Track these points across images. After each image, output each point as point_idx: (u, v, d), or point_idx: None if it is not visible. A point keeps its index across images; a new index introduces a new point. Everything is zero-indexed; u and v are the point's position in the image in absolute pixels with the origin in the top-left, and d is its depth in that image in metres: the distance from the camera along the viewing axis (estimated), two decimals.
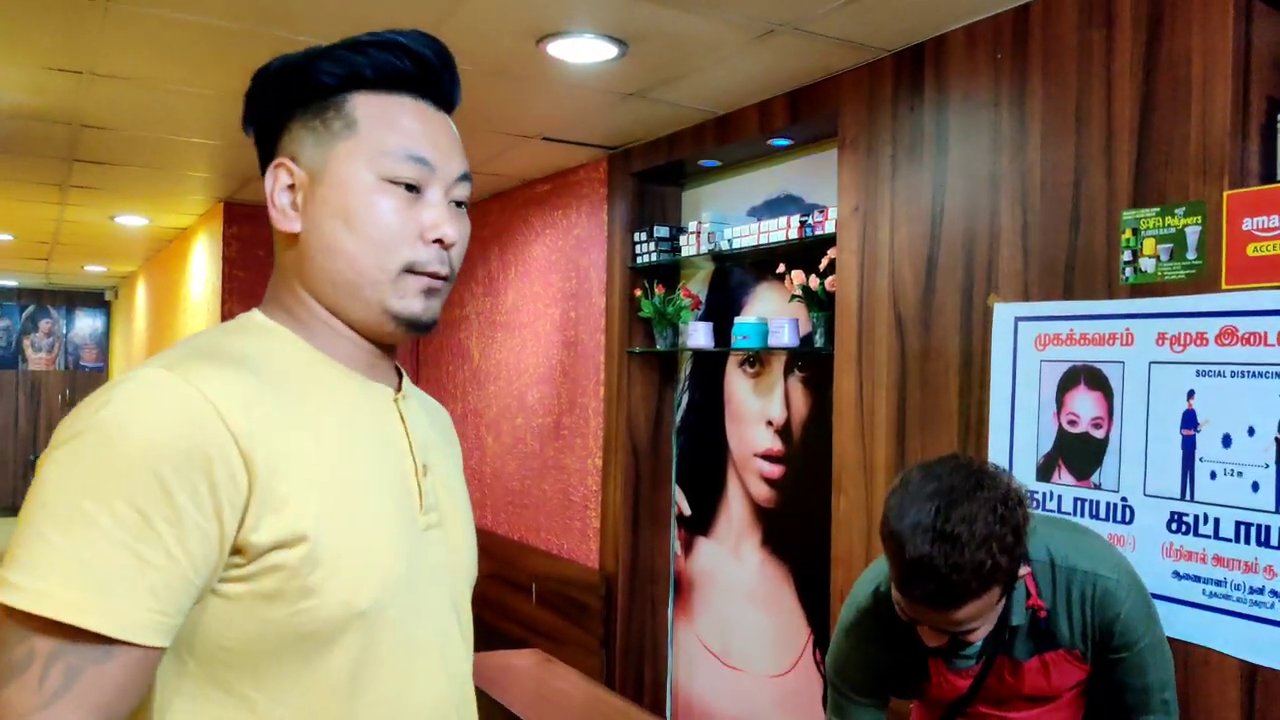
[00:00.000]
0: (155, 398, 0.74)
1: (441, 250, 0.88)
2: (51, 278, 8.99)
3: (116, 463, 0.72)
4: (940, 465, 1.38)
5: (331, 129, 0.87)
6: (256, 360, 0.83)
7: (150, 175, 4.03)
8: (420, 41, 0.89)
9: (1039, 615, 1.47)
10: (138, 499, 0.71)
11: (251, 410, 0.77)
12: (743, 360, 3.00)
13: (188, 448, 0.73)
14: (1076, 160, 1.86)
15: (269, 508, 0.76)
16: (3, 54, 2.42)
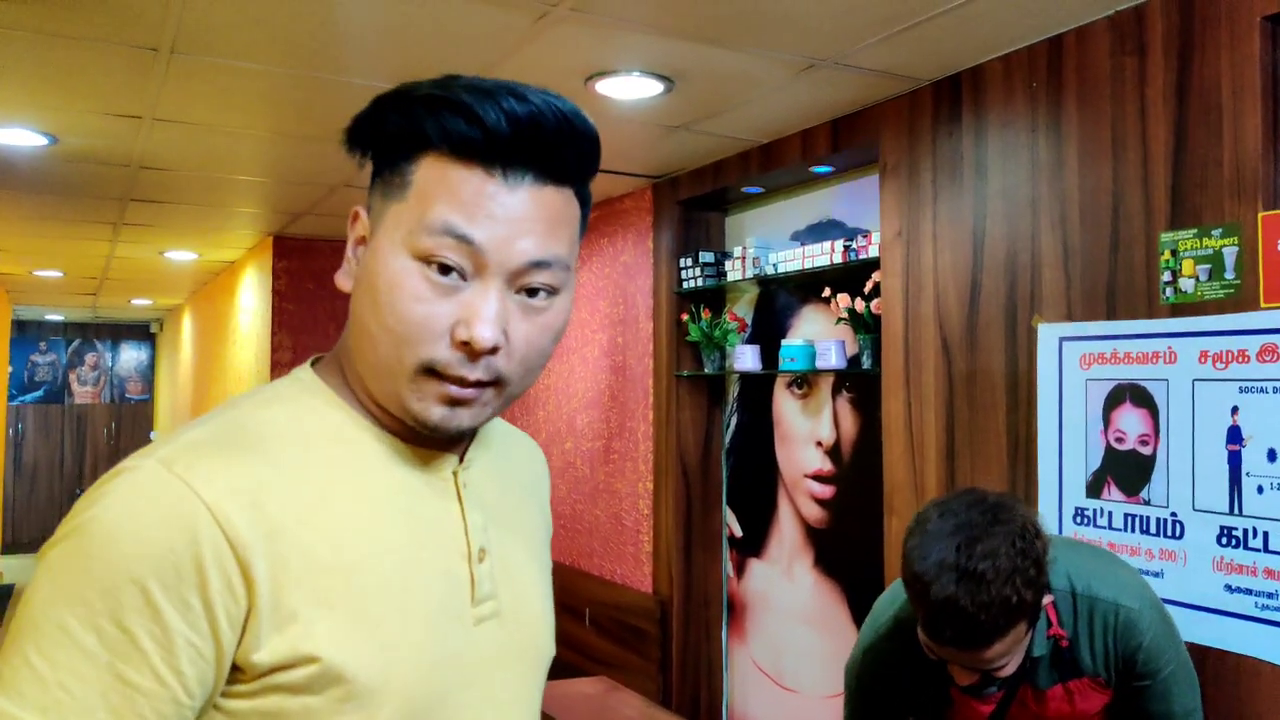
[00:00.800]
0: (145, 499, 0.67)
1: (470, 355, 0.73)
2: (98, 311, 9.23)
3: (100, 574, 0.65)
4: (956, 502, 1.36)
5: (391, 187, 0.75)
6: (283, 439, 0.74)
7: (201, 212, 4.17)
8: (505, 108, 0.72)
9: (1061, 645, 1.47)
10: (122, 616, 0.65)
11: (257, 512, 0.69)
12: (790, 381, 3.07)
13: (177, 559, 0.66)
14: (1114, 184, 1.93)
15: (272, 625, 0.68)
16: (69, 101, 2.54)
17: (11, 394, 9.43)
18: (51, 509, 10.22)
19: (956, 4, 1.88)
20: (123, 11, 1.92)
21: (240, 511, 0.68)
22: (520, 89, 0.73)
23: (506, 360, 0.74)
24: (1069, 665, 1.49)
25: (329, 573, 0.71)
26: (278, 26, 2.02)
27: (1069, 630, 1.48)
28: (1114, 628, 1.47)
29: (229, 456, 0.70)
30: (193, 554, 0.66)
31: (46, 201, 3.90)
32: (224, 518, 0.67)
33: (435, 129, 0.73)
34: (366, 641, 0.71)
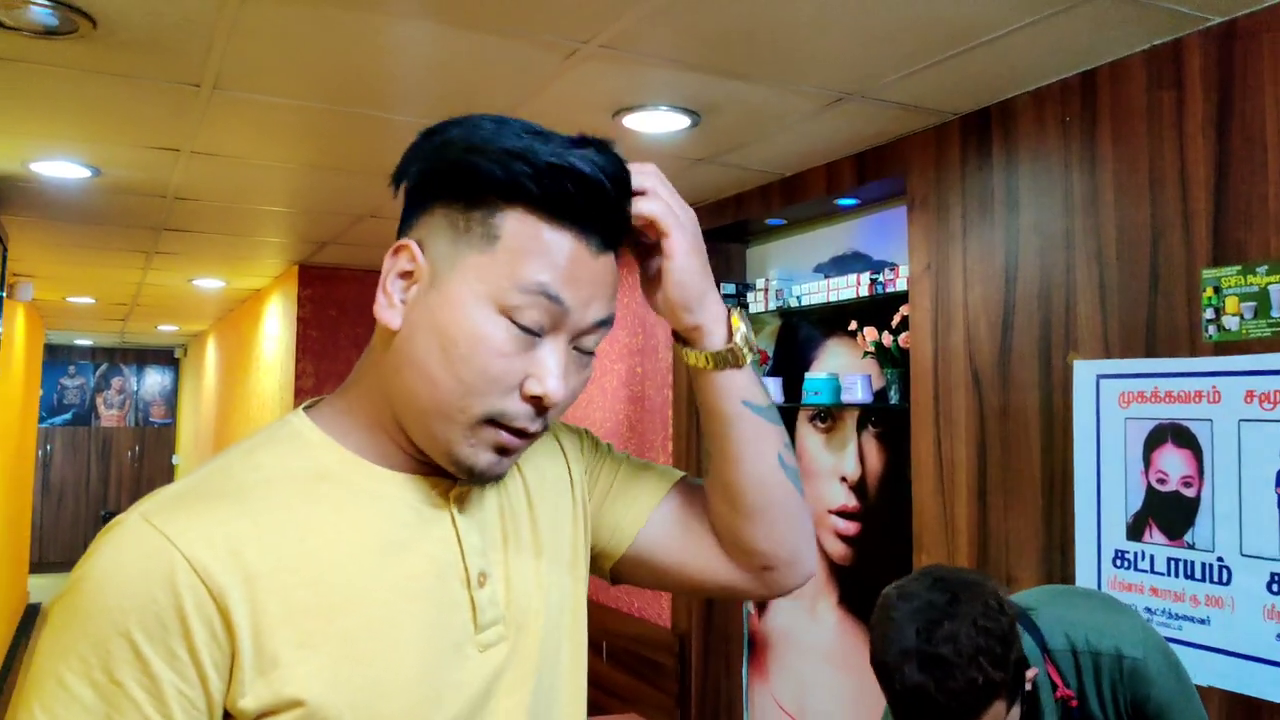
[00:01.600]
0: (127, 553, 0.68)
1: (536, 408, 0.75)
2: (125, 337, 9.35)
3: (91, 628, 0.67)
4: (915, 584, 1.33)
5: (471, 233, 0.74)
6: (267, 485, 0.74)
7: (230, 241, 4.22)
8: (603, 170, 0.74)
9: (1070, 705, 1.42)
10: (113, 668, 0.66)
11: (234, 559, 0.70)
12: (813, 415, 3.03)
13: (159, 610, 0.67)
14: (1153, 219, 1.89)
15: (255, 670, 0.69)
16: (113, 134, 2.58)
17: (41, 416, 9.53)
18: (77, 529, 10.31)
19: (986, 39, 1.86)
20: (170, 50, 1.95)
21: (216, 560, 0.69)
22: (616, 159, 0.76)
23: (553, 411, 0.77)
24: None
25: (310, 614, 0.71)
26: (314, 63, 2.04)
27: (1075, 688, 1.43)
28: (1121, 679, 1.42)
29: (206, 506, 0.72)
30: (174, 604, 0.67)
31: (85, 231, 3.97)
32: (201, 566, 0.68)
33: (541, 189, 0.73)
34: (353, 680, 0.71)
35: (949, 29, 1.83)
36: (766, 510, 0.89)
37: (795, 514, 0.91)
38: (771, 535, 0.90)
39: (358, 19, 1.81)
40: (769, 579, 0.93)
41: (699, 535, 0.93)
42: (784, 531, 0.90)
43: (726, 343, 0.86)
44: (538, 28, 1.84)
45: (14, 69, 2.08)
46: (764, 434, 0.88)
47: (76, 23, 1.80)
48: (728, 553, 0.92)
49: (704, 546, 0.93)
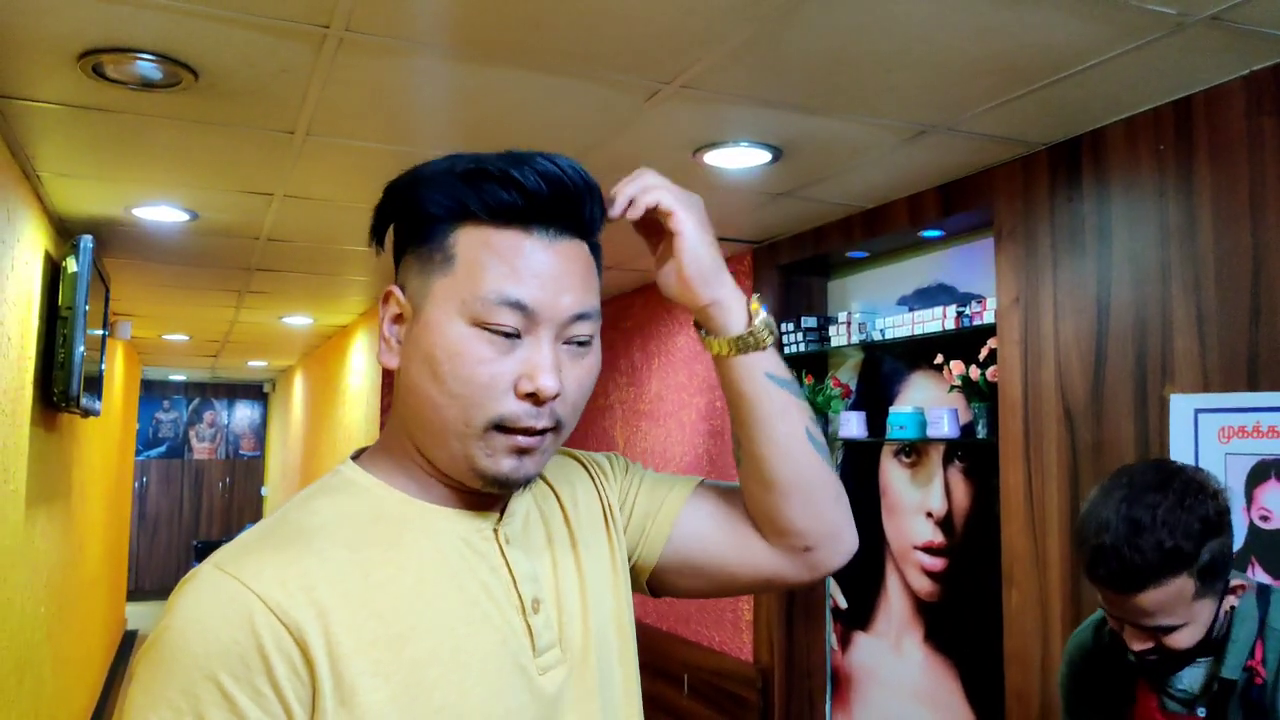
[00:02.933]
0: (206, 601, 0.72)
1: (535, 405, 0.78)
2: (217, 372, 9.74)
3: (179, 676, 0.70)
4: (1137, 465, 1.44)
5: (433, 262, 0.79)
6: (327, 528, 0.78)
7: (318, 280, 4.38)
8: (538, 171, 0.79)
9: (1255, 680, 1.39)
10: (205, 712, 0.69)
11: (306, 596, 0.73)
12: (898, 450, 2.99)
13: (242, 650, 0.70)
14: (1254, 248, 1.84)
15: (336, 700, 0.72)
16: (212, 181, 2.72)
17: (137, 449, 9.96)
18: (170, 558, 10.69)
19: (1076, 70, 1.85)
20: (267, 100, 2.05)
21: (289, 598, 0.72)
22: (537, 153, 0.81)
23: (562, 405, 0.80)
24: (1258, 710, 1.39)
25: (380, 645, 0.74)
26: (399, 109, 2.12)
27: (1269, 672, 1.39)
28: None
29: (275, 551, 0.75)
30: (255, 644, 0.70)
31: (181, 272, 4.16)
32: (276, 605, 0.72)
33: (478, 201, 0.79)
34: (424, 706, 0.74)
35: (1036, 61, 1.82)
36: (801, 484, 0.91)
37: (830, 487, 0.94)
38: (809, 510, 0.92)
39: (442, 67, 1.88)
40: (812, 560, 0.95)
41: (733, 526, 0.96)
42: (821, 506, 0.93)
43: (747, 326, 0.89)
44: (620, 71, 1.89)
45: (119, 120, 2.20)
46: (790, 406, 0.91)
47: (180, 75, 1.90)
48: (767, 538, 0.94)
49: (740, 537, 0.95)
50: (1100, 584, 1.37)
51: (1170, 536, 1.30)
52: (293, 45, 1.77)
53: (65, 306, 3.00)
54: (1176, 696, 1.47)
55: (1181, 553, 1.30)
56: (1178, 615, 1.34)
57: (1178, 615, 1.34)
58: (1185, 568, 1.31)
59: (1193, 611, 1.35)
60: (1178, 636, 1.36)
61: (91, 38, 1.75)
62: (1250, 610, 1.42)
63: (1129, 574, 1.31)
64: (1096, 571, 1.36)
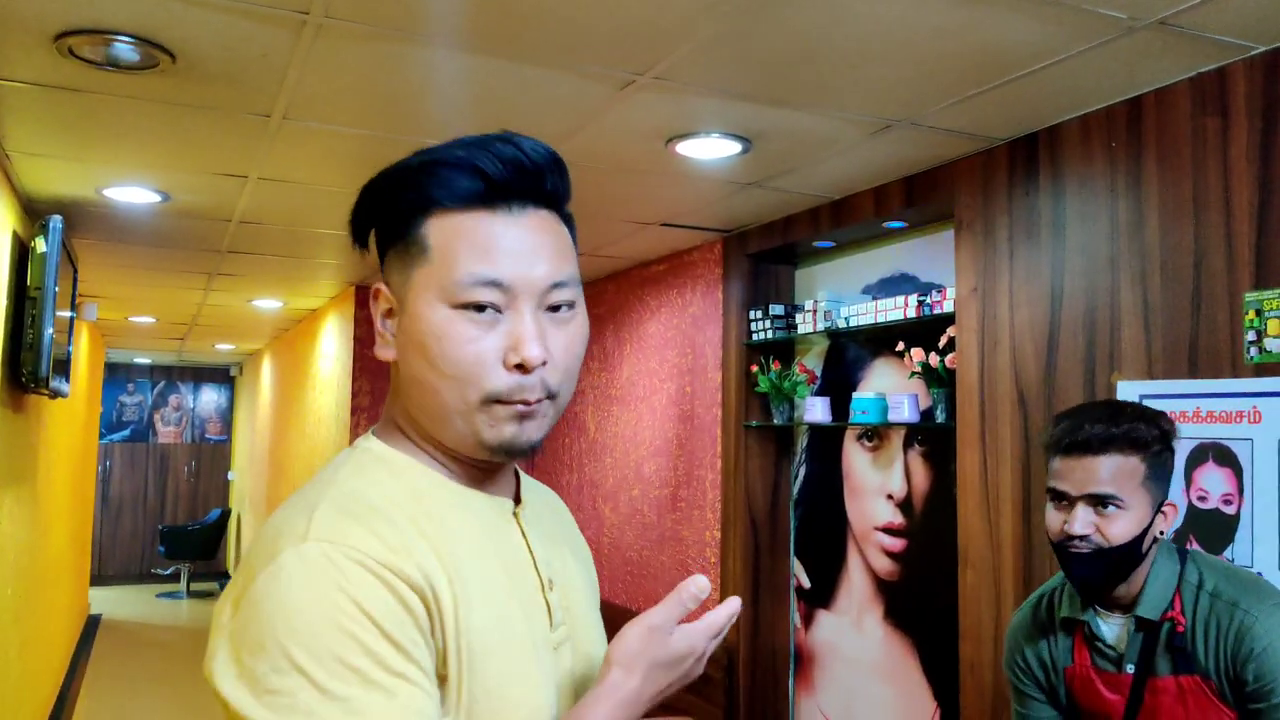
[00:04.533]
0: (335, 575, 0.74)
1: (524, 376, 0.81)
2: (183, 355, 9.64)
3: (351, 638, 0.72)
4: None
5: (411, 255, 0.84)
6: (392, 502, 0.81)
7: (290, 263, 4.36)
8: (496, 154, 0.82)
9: (1177, 629, 1.50)
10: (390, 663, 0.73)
11: (412, 563, 0.77)
12: (860, 434, 3.08)
13: (391, 608, 0.74)
14: (1196, 243, 1.93)
15: (457, 657, 0.78)
16: (185, 162, 2.72)
17: (101, 433, 9.85)
18: (135, 543, 10.59)
19: (1035, 68, 1.93)
20: (245, 83, 2.07)
21: (404, 564, 0.76)
22: (494, 135, 0.85)
23: (553, 372, 0.83)
24: (1182, 655, 1.50)
25: (460, 609, 0.79)
26: (377, 94, 2.15)
27: (1187, 619, 1.50)
28: (1228, 629, 1.46)
29: (365, 523, 0.77)
30: (399, 600, 0.75)
31: (151, 253, 4.14)
32: (397, 570, 0.75)
33: (442, 191, 0.82)
34: (487, 670, 0.79)
35: (997, 59, 1.89)
36: None
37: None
38: None
39: (420, 54, 1.91)
40: None
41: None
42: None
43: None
44: (593, 61, 1.93)
45: (93, 101, 2.20)
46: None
47: (157, 58, 1.91)
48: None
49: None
50: (1068, 451, 1.52)
51: (1131, 424, 1.51)
52: (272, 30, 1.80)
53: (34, 287, 2.99)
54: (1105, 654, 1.57)
55: (1141, 435, 1.50)
56: (1125, 492, 1.49)
57: (1125, 492, 1.49)
58: (1142, 449, 1.50)
59: (1135, 497, 1.49)
60: (1116, 522, 1.49)
61: (69, 19, 1.77)
62: (1169, 561, 1.54)
63: (1095, 437, 1.50)
64: (1065, 440, 1.53)
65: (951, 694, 2.65)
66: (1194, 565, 1.55)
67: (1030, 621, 1.71)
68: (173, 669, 6.80)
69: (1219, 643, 1.47)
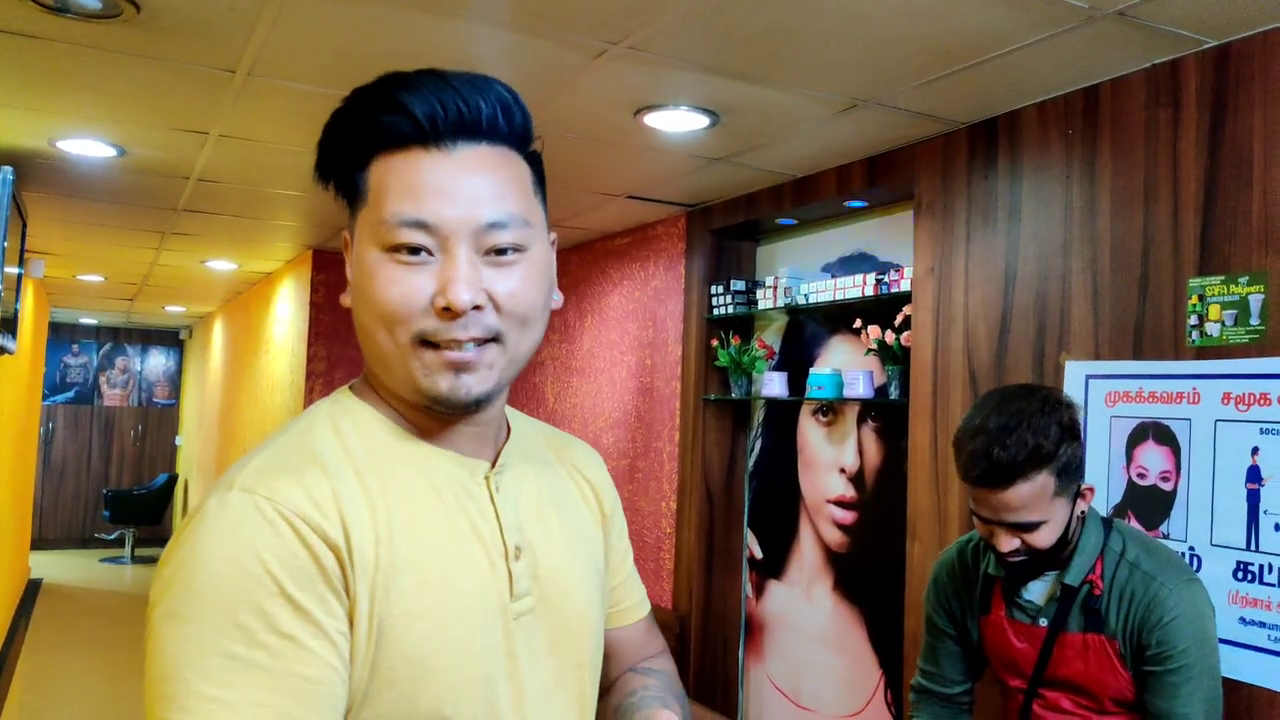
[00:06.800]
0: (252, 524, 0.73)
1: (452, 318, 0.78)
2: (131, 317, 9.42)
3: (242, 599, 0.70)
4: (1005, 387, 1.66)
5: (357, 200, 0.83)
6: (334, 454, 0.80)
7: (246, 224, 4.29)
8: (424, 88, 0.80)
9: (1094, 592, 1.59)
10: (280, 625, 0.71)
11: (337, 517, 0.76)
12: (816, 409, 3.15)
13: (302, 563, 0.73)
14: (1145, 230, 2.01)
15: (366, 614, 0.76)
16: (143, 116, 2.66)
17: (44, 394, 9.61)
18: (78, 507, 10.37)
19: (997, 54, 1.98)
20: (210, 37, 2.04)
21: (325, 520, 0.75)
22: (424, 70, 0.82)
23: (497, 316, 0.80)
24: (1094, 615, 1.59)
25: (382, 570, 0.77)
26: (346, 53, 2.13)
27: (1105, 584, 1.59)
28: (1141, 598, 1.55)
29: (296, 474, 0.77)
30: (310, 555, 0.73)
31: (103, 209, 4.05)
32: (316, 526, 0.75)
33: (373, 134, 0.81)
34: (410, 634, 0.77)
35: (961, 43, 1.94)
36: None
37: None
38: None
39: (393, 13, 1.90)
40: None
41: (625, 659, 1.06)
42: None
43: None
44: (569, 29, 1.94)
45: (50, 48, 2.15)
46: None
47: (120, 7, 1.87)
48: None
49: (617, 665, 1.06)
50: (976, 484, 1.54)
51: (1034, 436, 1.49)
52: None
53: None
54: (1023, 607, 1.67)
55: (1043, 450, 1.50)
56: (1040, 511, 1.53)
57: (1040, 511, 1.53)
58: (1047, 464, 1.51)
59: (1052, 509, 1.54)
60: (1040, 534, 1.54)
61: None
62: (1095, 530, 1.63)
63: (1000, 470, 1.49)
64: (972, 473, 1.53)
65: (896, 663, 2.74)
66: (1118, 534, 1.64)
67: (956, 564, 1.81)
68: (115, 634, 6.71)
69: (1130, 608, 1.56)
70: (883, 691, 2.84)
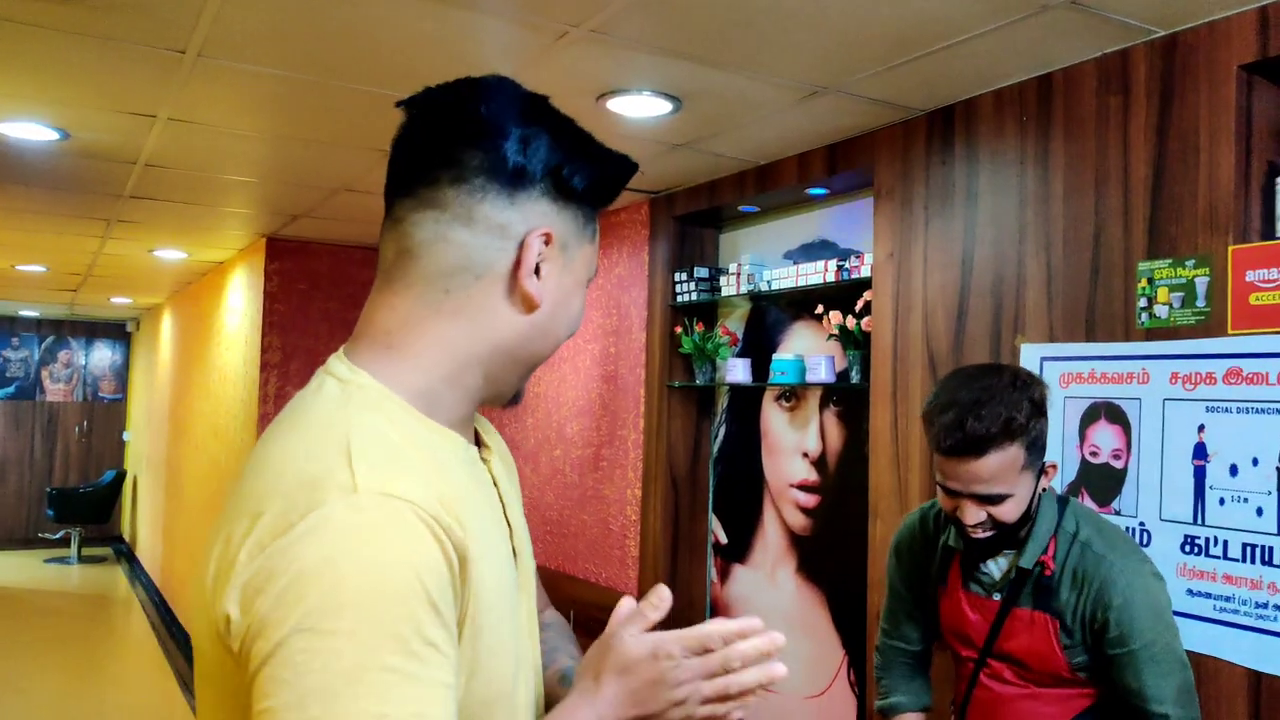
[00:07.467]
0: (392, 528, 0.71)
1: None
2: (75, 309, 9.17)
3: (397, 604, 0.69)
4: (970, 365, 1.70)
5: (586, 230, 0.92)
6: (412, 445, 0.80)
7: (196, 211, 4.19)
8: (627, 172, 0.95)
9: (1045, 572, 1.63)
10: (426, 633, 0.70)
11: (448, 513, 0.75)
12: (779, 395, 3.18)
13: (441, 569, 0.73)
14: (1096, 215, 2.06)
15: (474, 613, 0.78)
16: (87, 98, 2.58)
17: None
18: (21, 505, 10.08)
19: (954, 41, 2.01)
20: (159, 16, 1.99)
21: (452, 521, 0.75)
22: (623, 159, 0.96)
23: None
24: (1045, 594, 1.63)
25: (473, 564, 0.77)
26: (301, 35, 2.09)
27: (1057, 565, 1.62)
28: (1093, 579, 1.58)
29: (403, 468, 0.75)
30: (445, 559, 0.73)
31: (45, 196, 3.92)
32: (447, 527, 0.74)
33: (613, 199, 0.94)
34: (489, 623, 0.79)
35: (920, 31, 1.97)
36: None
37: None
38: None
39: None
40: None
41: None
42: None
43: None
44: (529, 9, 1.93)
45: None
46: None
47: None
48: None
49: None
50: (948, 454, 1.56)
51: (1006, 409, 1.52)
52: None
53: None
54: (981, 581, 1.71)
55: (1016, 423, 1.52)
56: (1008, 483, 1.56)
57: (1008, 483, 1.56)
58: (1019, 437, 1.53)
59: (1019, 482, 1.57)
60: (1007, 507, 1.58)
61: None
62: (1050, 510, 1.66)
63: (974, 440, 1.52)
64: (945, 443, 1.55)
65: (860, 642, 2.79)
66: (1072, 515, 1.67)
67: (918, 530, 1.85)
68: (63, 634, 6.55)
69: (1082, 589, 1.60)
70: (846, 671, 2.89)
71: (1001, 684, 1.71)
